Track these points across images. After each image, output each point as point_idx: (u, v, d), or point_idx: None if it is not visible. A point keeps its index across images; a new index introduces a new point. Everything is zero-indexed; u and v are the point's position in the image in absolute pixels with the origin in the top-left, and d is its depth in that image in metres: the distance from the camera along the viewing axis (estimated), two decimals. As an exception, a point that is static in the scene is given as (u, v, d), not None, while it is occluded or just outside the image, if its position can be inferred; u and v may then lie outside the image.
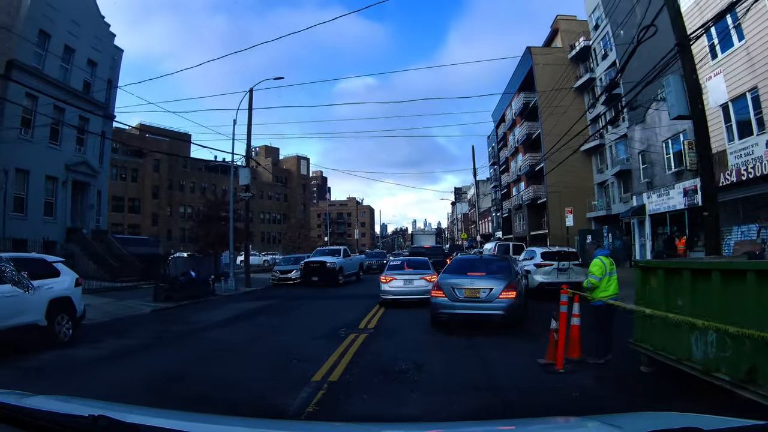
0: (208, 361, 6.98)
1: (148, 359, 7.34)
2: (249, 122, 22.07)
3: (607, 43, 31.84)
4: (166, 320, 11.79)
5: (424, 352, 7.14)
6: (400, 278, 12.83)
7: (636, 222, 23.47)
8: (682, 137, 19.42)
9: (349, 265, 22.16)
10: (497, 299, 8.26)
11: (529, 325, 8.85)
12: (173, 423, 1.81)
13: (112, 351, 7.96)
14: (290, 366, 6.34)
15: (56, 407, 1.81)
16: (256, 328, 10.25)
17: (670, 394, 4.89)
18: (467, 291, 8.44)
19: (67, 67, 24.82)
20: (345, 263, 21.59)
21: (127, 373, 6.26)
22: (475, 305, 8.36)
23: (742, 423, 1.69)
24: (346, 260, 21.97)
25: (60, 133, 24.33)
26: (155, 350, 8.09)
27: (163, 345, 8.56)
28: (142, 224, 51.98)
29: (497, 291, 8.30)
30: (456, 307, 8.46)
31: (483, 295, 8.36)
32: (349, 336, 8.38)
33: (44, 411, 1.73)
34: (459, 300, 8.45)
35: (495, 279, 8.59)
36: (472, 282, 8.56)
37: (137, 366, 6.81)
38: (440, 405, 4.66)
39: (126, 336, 9.53)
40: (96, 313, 13.32)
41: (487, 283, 8.47)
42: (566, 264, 13.42)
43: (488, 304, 8.29)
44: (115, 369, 6.63)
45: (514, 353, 6.94)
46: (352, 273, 22.78)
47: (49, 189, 23.84)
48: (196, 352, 7.81)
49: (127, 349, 8.10)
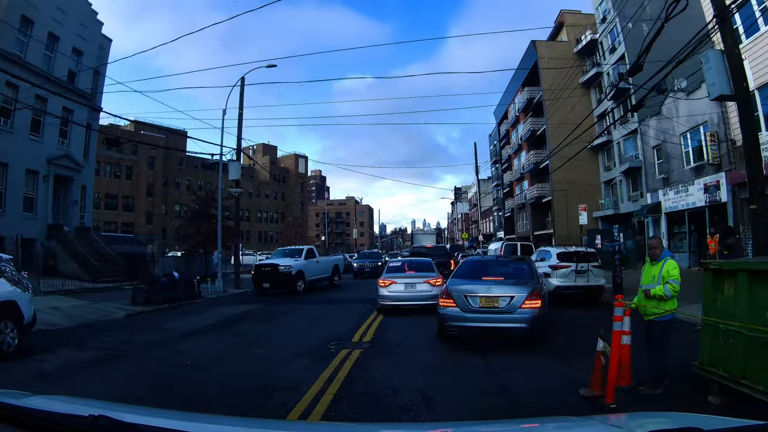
0: (159, 388, 5.51)
1: (87, 380, 6.00)
2: (240, 113, 20.77)
3: (614, 36, 30.64)
4: (137, 327, 10.46)
5: (432, 375, 5.81)
6: (400, 282, 11.35)
7: (650, 221, 22.16)
8: (703, 129, 18.16)
9: (314, 269, 18.55)
10: (519, 309, 6.89)
11: (552, 336, 7.55)
12: (173, 423, 1.78)
13: (56, 366, 6.66)
14: (263, 398, 4.93)
15: (56, 407, 1.80)
16: (233, 339, 8.83)
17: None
18: (483, 300, 7.05)
19: (51, 55, 23.58)
20: (307, 267, 17.96)
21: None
22: (493, 317, 6.99)
23: (742, 423, 1.66)
24: (309, 263, 18.24)
25: (42, 124, 23.09)
26: (103, 367, 6.74)
27: (116, 360, 7.21)
28: (136, 222, 50.91)
29: (519, 299, 6.93)
30: (469, 320, 7.05)
31: (502, 305, 6.97)
32: (340, 352, 7.03)
33: (44, 411, 1.72)
34: (473, 310, 7.05)
35: (516, 285, 7.25)
36: (489, 289, 7.13)
37: (72, 387, 5.43)
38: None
39: (83, 347, 8.22)
40: (62, 317, 12.11)
41: (506, 290, 7.10)
42: (585, 266, 12.13)
43: (509, 315, 6.92)
44: (43, 391, 5.27)
45: (543, 378, 5.59)
46: (319, 278, 19.13)
47: (30, 183, 22.60)
48: (150, 371, 6.43)
49: (74, 365, 6.77)
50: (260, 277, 17.28)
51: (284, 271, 16.92)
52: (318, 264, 19.14)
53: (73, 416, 1.63)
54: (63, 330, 10.43)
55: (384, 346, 7.59)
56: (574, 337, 8.00)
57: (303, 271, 17.62)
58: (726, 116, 16.91)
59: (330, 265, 20.45)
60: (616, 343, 4.61)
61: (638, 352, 5.14)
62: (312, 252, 19.29)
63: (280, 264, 17.22)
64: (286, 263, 17.30)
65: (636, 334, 5.16)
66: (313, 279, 18.50)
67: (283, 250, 20.76)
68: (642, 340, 5.18)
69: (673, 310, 4.95)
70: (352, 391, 5.08)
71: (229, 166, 19.82)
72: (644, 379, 4.99)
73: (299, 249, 19.48)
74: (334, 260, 21.59)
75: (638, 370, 5.08)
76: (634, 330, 5.14)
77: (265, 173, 66.24)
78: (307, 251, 18.94)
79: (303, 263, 17.92)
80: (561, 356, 6.28)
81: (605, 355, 4.69)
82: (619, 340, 4.65)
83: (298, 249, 19.65)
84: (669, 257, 5.07)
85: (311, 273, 18.28)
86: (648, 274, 5.15)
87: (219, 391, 5.21)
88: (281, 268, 16.97)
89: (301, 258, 18.16)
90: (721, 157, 17.18)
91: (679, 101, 19.38)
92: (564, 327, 8.87)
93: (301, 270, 17.49)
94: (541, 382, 5.46)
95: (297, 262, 17.69)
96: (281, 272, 16.89)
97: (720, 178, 17.24)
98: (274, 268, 17.12)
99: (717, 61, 9.33)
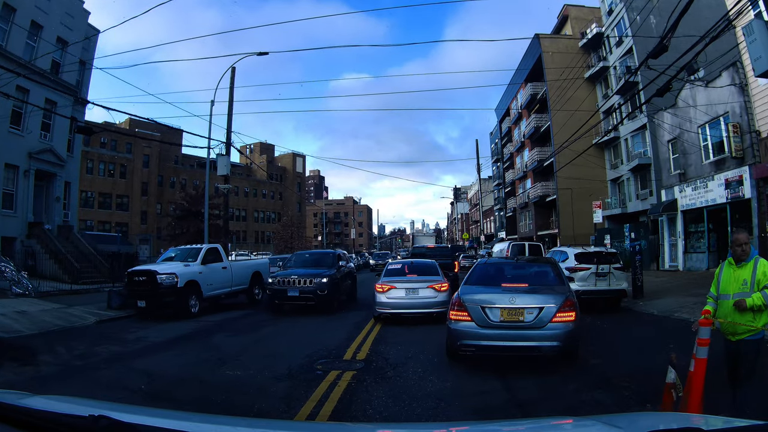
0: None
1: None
2: (230, 105, 19.55)
3: (622, 28, 29.57)
4: (103, 336, 9.25)
5: (442, 413, 4.47)
6: (400, 287, 10.14)
7: (665, 219, 20.97)
8: (723, 120, 16.99)
9: (218, 279, 13.19)
10: (550, 324, 5.67)
11: (584, 354, 6.36)
12: (173, 423, 1.76)
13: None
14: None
15: (56, 407, 1.78)
16: (206, 354, 7.54)
17: None
18: (505, 313, 5.78)
19: (34, 45, 22.40)
20: (206, 275, 12.66)
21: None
22: (518, 333, 5.75)
23: (742, 423, 1.64)
24: (209, 269, 12.87)
25: (23, 117, 21.91)
26: (36, 389, 5.54)
27: (59, 380, 5.98)
28: (131, 222, 49.75)
29: (550, 312, 5.70)
30: (489, 337, 5.78)
31: (529, 319, 5.72)
32: (329, 374, 5.79)
33: (44, 411, 1.70)
34: (493, 326, 5.78)
35: (544, 294, 6.02)
36: (512, 299, 5.84)
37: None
38: None
39: (30, 361, 7.06)
40: (27, 323, 10.94)
41: (533, 300, 5.86)
42: (606, 268, 10.95)
43: (537, 332, 5.68)
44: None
45: (586, 413, 4.38)
46: (229, 291, 13.77)
47: (10, 178, 21.40)
48: (94, 396, 5.23)
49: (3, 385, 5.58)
50: (133, 290, 11.97)
51: (166, 282, 11.53)
52: (225, 271, 13.58)
53: (73, 416, 1.61)
54: (22, 338, 9.32)
55: (382, 367, 6.28)
56: (611, 355, 6.92)
57: (198, 281, 12.27)
58: (749, 105, 15.78)
59: (247, 272, 14.75)
60: (700, 373, 3.42)
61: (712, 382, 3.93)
62: (215, 253, 13.61)
63: (160, 271, 11.74)
64: (168, 270, 11.86)
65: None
66: (218, 293, 13.16)
67: (176, 249, 14.61)
68: (720, 367, 3.96)
69: (765, 326, 3.72)
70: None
71: (218, 160, 18.61)
72: (733, 413, 3.80)
73: (196, 249, 13.64)
74: (254, 266, 15.53)
75: (711, 407, 3.88)
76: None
77: (262, 172, 65.03)
78: (207, 251, 13.28)
79: (198, 270, 12.46)
80: (602, 382, 5.09)
81: (676, 388, 3.51)
82: (704, 371, 3.45)
83: (194, 248, 13.74)
84: (759, 256, 3.84)
85: (213, 284, 12.94)
86: (733, 278, 3.88)
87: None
88: (161, 277, 11.57)
89: (196, 262, 12.68)
90: (744, 149, 16.03)
91: (697, 91, 18.23)
92: (594, 341, 7.68)
93: (193, 280, 12.11)
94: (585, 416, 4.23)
95: (188, 268, 12.27)
96: (161, 284, 11.50)
97: (743, 173, 16.08)
98: (151, 277, 11.62)
99: (762, 31, 8.17)
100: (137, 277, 12.03)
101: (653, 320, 10.19)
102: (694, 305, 10.93)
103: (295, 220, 61.18)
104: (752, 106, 15.70)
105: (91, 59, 26.75)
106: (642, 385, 4.12)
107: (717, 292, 3.99)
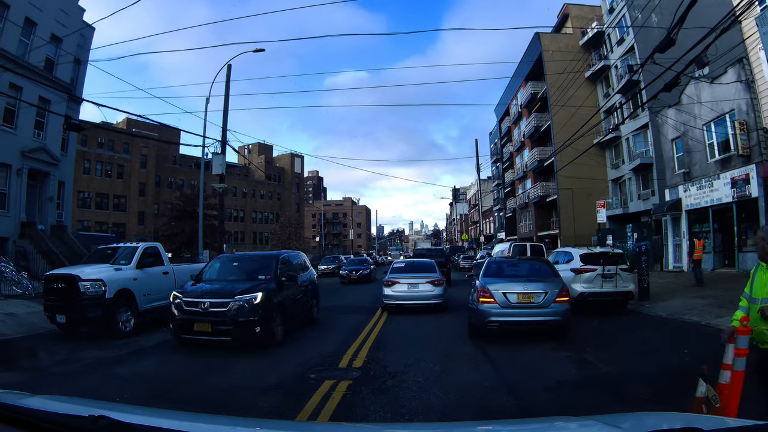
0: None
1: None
2: (226, 103, 19.17)
3: (623, 27, 29.27)
4: (90, 340, 8.81)
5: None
6: (404, 282, 12.05)
7: (669, 219, 20.59)
8: (729, 118, 16.64)
9: (157, 287, 10.42)
10: (553, 304, 7.73)
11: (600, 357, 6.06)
12: (173, 423, 1.75)
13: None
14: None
15: (56, 407, 1.77)
16: (187, 361, 6.99)
17: None
18: (521, 296, 7.81)
19: (27, 42, 22.01)
20: (141, 283, 10.06)
21: None
22: (530, 311, 7.76)
23: (742, 423, 1.68)
24: (143, 275, 10.23)
25: (16, 114, 21.51)
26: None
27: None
28: (128, 222, 49.32)
29: (552, 295, 7.77)
30: (509, 315, 7.74)
31: (538, 300, 7.78)
32: (322, 385, 5.35)
33: (44, 411, 1.69)
34: (511, 306, 7.78)
35: (547, 283, 8.06)
36: (525, 286, 7.93)
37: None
38: None
39: (6, 365, 6.63)
40: (14, 325, 10.74)
41: (541, 287, 7.88)
42: (612, 269, 10.58)
43: (544, 309, 7.73)
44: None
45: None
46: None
47: (2, 177, 21.02)
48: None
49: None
50: (50, 303, 9.44)
51: (91, 291, 9.04)
52: (167, 277, 10.94)
53: (73, 416, 1.60)
54: (4, 342, 8.97)
55: (381, 376, 5.86)
56: (629, 362, 6.61)
57: (132, 290, 9.78)
58: (756, 103, 15.43)
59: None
60: (737, 387, 3.04)
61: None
62: (154, 254, 11.02)
63: (83, 276, 9.19)
64: (93, 275, 9.29)
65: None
66: (158, 305, 10.16)
67: (104, 248, 11.56)
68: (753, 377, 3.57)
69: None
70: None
71: (213, 159, 18.24)
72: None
73: (131, 248, 10.86)
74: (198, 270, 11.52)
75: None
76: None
77: (261, 173, 64.58)
78: (143, 253, 10.59)
79: (132, 275, 9.97)
80: (625, 395, 4.69)
81: (708, 403, 3.14)
82: (741, 384, 3.07)
83: (128, 248, 10.95)
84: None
85: (152, 293, 10.29)
86: (764, 282, 3.43)
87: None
88: (84, 284, 9.08)
89: (130, 265, 10.12)
90: (751, 147, 15.67)
91: (702, 89, 17.88)
92: (603, 347, 7.35)
93: (126, 289, 9.65)
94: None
95: (120, 273, 9.79)
96: (85, 294, 9.01)
97: (750, 171, 15.73)
98: (71, 284, 9.11)
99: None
100: (55, 284, 9.37)
101: (662, 323, 9.82)
102: (703, 307, 10.57)
103: (294, 220, 60.64)
104: (759, 103, 15.36)
105: (86, 57, 26.37)
106: (662, 396, 3.73)
107: (750, 294, 3.59)
